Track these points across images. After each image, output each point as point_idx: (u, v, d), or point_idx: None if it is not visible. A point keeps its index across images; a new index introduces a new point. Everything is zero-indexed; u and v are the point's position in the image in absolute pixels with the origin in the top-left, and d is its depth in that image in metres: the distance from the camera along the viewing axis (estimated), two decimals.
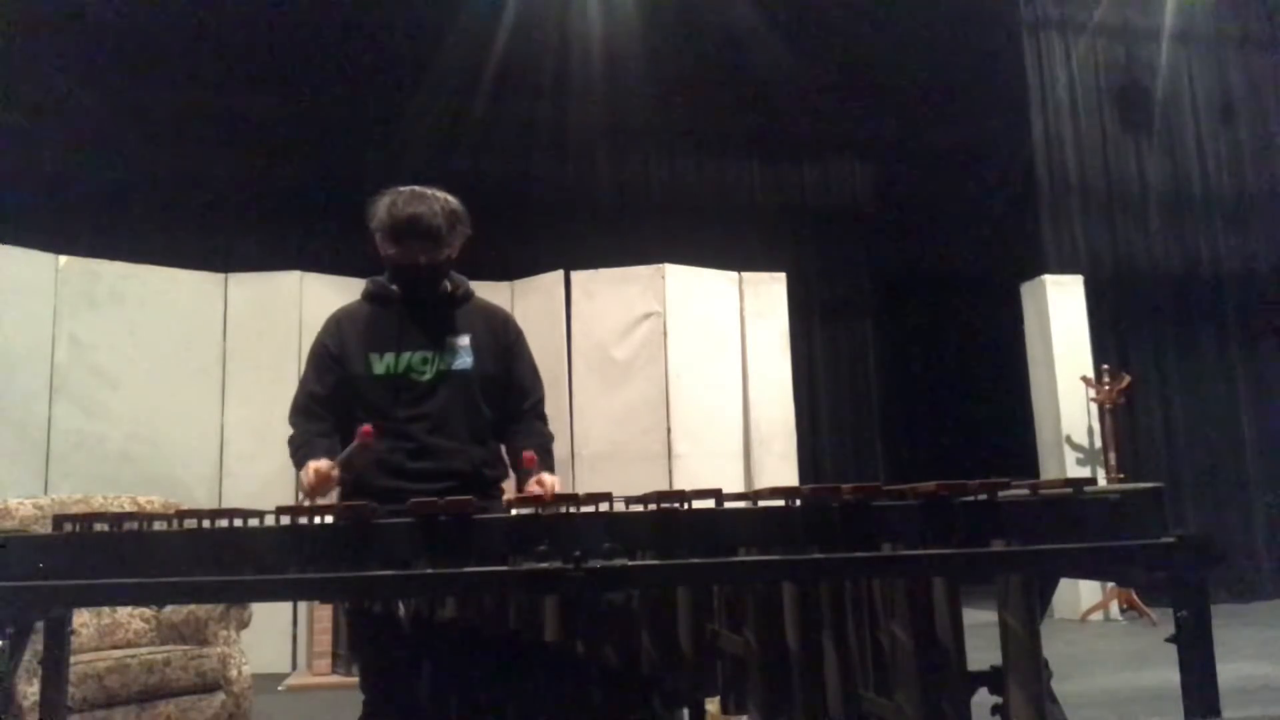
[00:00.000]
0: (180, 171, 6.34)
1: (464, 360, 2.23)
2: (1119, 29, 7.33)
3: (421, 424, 2.17)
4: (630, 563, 1.45)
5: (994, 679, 1.63)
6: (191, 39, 6.40)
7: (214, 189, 6.41)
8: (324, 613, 4.95)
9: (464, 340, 2.25)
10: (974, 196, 7.62)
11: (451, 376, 2.21)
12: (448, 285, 2.29)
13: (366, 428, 2.01)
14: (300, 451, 2.17)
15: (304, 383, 2.28)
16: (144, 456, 5.29)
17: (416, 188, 2.22)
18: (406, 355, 2.21)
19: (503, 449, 2.32)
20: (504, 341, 2.33)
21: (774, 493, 1.67)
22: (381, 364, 2.20)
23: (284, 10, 6.49)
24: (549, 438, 2.35)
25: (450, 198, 2.24)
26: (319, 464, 2.06)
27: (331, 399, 2.23)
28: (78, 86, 6.10)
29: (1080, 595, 6.23)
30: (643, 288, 5.88)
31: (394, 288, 2.28)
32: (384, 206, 2.20)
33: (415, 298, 2.26)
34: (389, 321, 2.25)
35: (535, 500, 1.68)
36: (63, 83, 6.07)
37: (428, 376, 2.20)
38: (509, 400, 2.32)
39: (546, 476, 2.16)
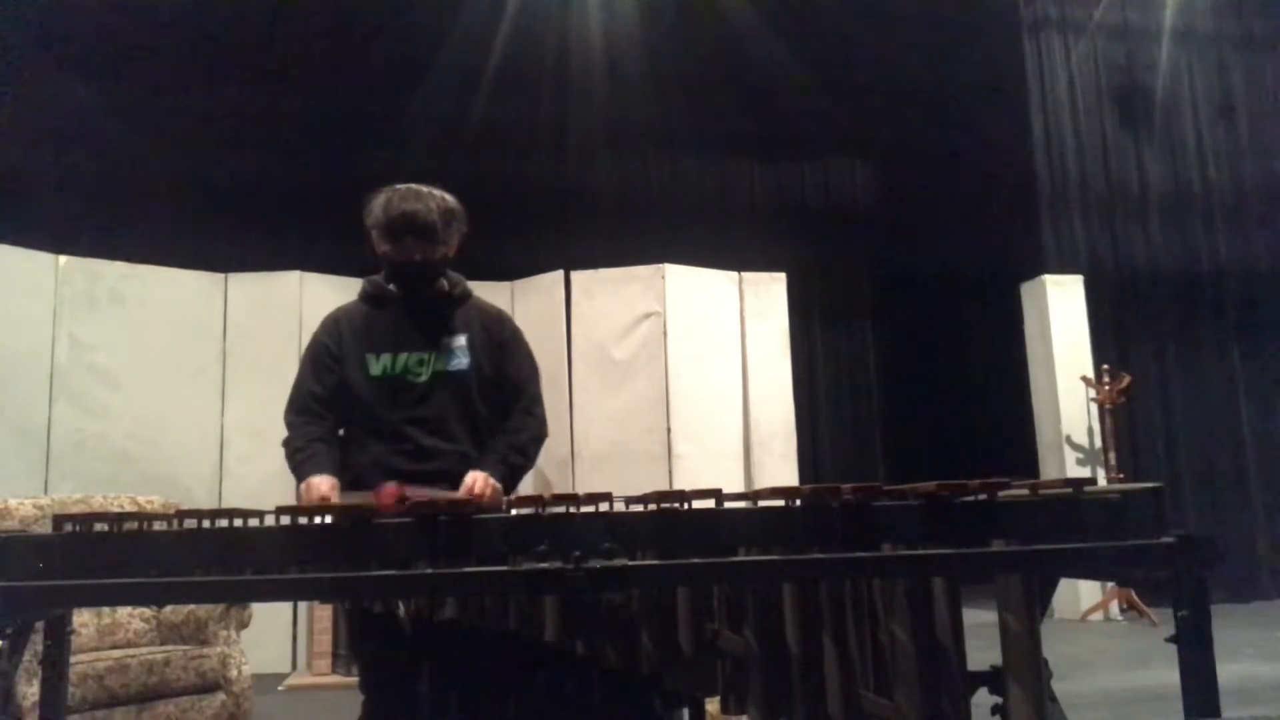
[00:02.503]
0: (180, 171, 6.34)
1: (460, 361, 2.22)
2: (1119, 29, 7.33)
3: (418, 426, 2.16)
4: (630, 563, 1.45)
5: (994, 679, 1.63)
6: (192, 39, 6.41)
7: (214, 189, 6.42)
8: (324, 613, 4.96)
9: (460, 340, 2.23)
10: (974, 196, 7.62)
11: (447, 378, 2.20)
12: (444, 284, 2.28)
13: (393, 491, 1.85)
14: (300, 455, 2.16)
15: (301, 381, 2.27)
16: (144, 456, 5.29)
17: (413, 185, 2.21)
18: (403, 356, 2.20)
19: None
20: (498, 339, 2.31)
21: (774, 493, 1.67)
22: (378, 365, 2.20)
23: (284, 10, 6.49)
24: (526, 432, 2.27)
25: (447, 195, 2.24)
26: (323, 488, 2.03)
27: (330, 399, 2.22)
28: (77, 86, 6.10)
29: (1080, 595, 6.23)
30: (643, 288, 5.88)
31: (391, 287, 2.27)
32: (379, 204, 2.19)
33: (412, 297, 2.25)
34: (385, 322, 2.24)
35: (535, 500, 1.68)
36: (63, 83, 6.07)
37: (424, 378, 2.19)
38: (503, 398, 2.29)
39: (475, 477, 2.08)
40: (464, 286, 2.32)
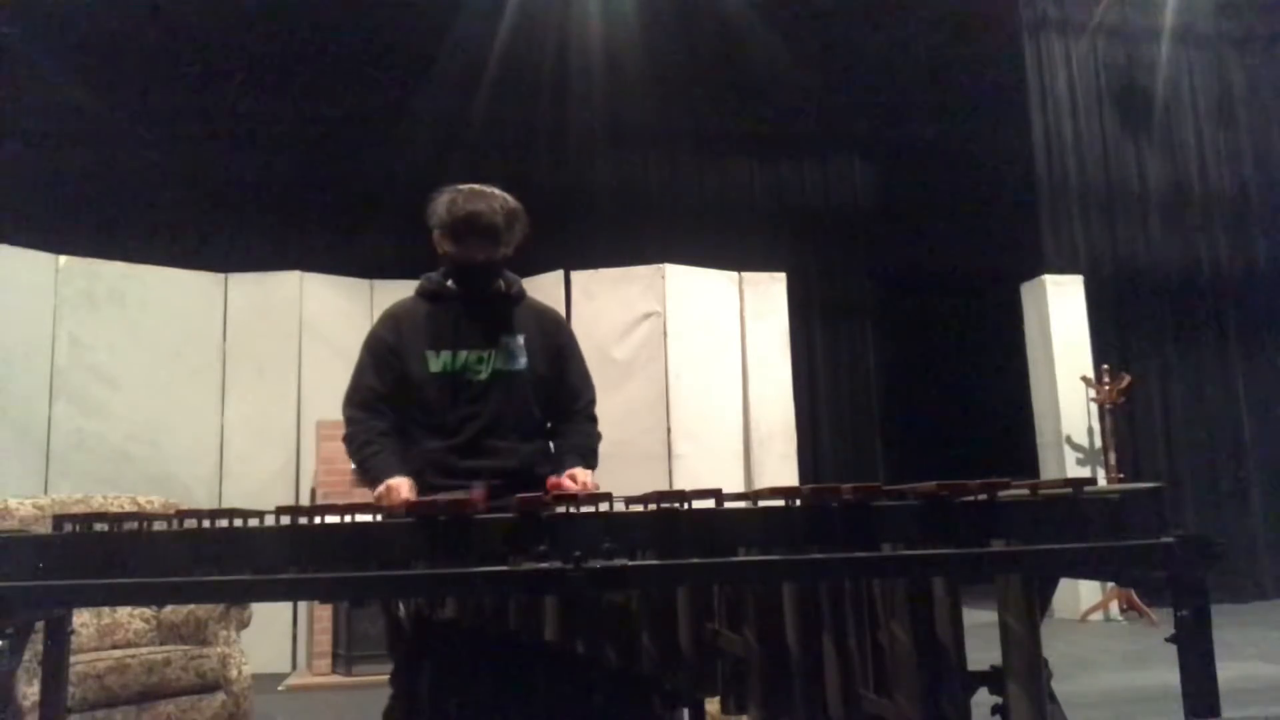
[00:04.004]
0: (180, 171, 6.35)
1: (518, 361, 2.23)
2: (1119, 29, 7.33)
3: (474, 423, 2.17)
4: (630, 563, 1.45)
5: (994, 679, 1.63)
6: (192, 39, 6.41)
7: (214, 189, 6.42)
8: (324, 613, 4.96)
9: (519, 340, 2.25)
10: (974, 196, 7.62)
11: (506, 376, 2.21)
12: (502, 284, 2.30)
13: (481, 494, 1.85)
14: (367, 451, 2.14)
15: (361, 377, 2.25)
16: (144, 456, 5.30)
17: (476, 185, 2.23)
18: (463, 354, 2.20)
19: (550, 446, 2.32)
20: (557, 342, 2.34)
21: (774, 493, 1.67)
22: (438, 362, 2.20)
23: (284, 10, 6.49)
24: (594, 437, 2.35)
25: (509, 197, 2.26)
26: (404, 490, 1.99)
27: (389, 396, 2.22)
28: (77, 86, 6.10)
29: (1080, 595, 6.23)
30: (643, 288, 5.88)
31: (450, 284, 2.28)
32: (444, 204, 2.21)
33: (471, 295, 2.26)
34: (445, 319, 2.25)
35: (536, 500, 1.67)
36: (62, 83, 6.07)
37: (483, 376, 2.20)
38: (559, 401, 2.32)
39: (579, 471, 2.14)
40: (520, 286, 2.35)
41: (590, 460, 2.27)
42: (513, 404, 2.21)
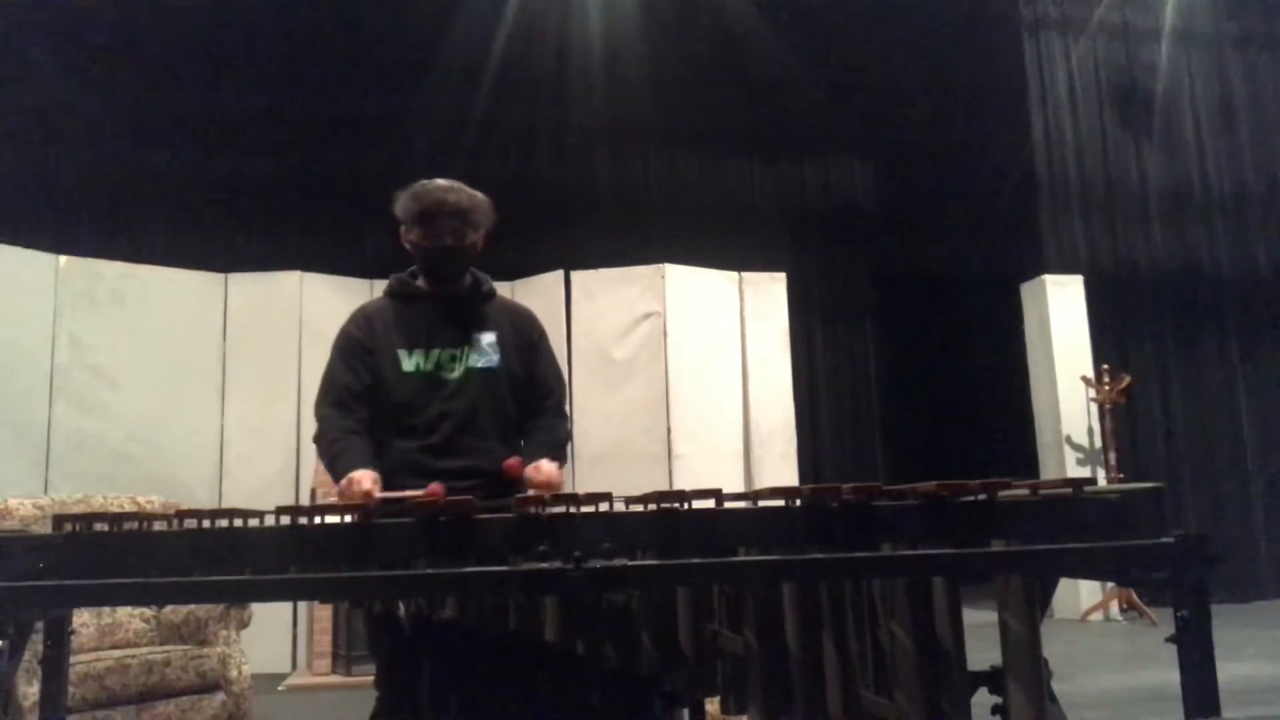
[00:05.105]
0: (180, 171, 6.35)
1: (490, 358, 2.22)
2: (1119, 29, 7.33)
3: (449, 422, 2.16)
4: (630, 563, 1.45)
5: (994, 679, 1.63)
6: (191, 39, 6.41)
7: (214, 189, 6.42)
8: (324, 613, 4.96)
9: (490, 338, 2.24)
10: (974, 196, 7.62)
11: (479, 374, 2.21)
12: (472, 280, 2.29)
13: (437, 489, 1.81)
14: (335, 448, 2.12)
15: (333, 375, 2.23)
16: (144, 456, 5.30)
17: (441, 180, 2.23)
18: (435, 352, 2.20)
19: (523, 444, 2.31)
20: (528, 339, 2.33)
21: (774, 493, 1.66)
22: (411, 360, 2.19)
23: (284, 10, 6.49)
24: (563, 433, 2.34)
25: (477, 192, 2.26)
26: (365, 482, 1.96)
27: (364, 394, 2.20)
28: (77, 86, 6.10)
29: (1080, 595, 6.23)
30: (643, 288, 5.88)
31: (419, 283, 2.27)
32: (409, 194, 2.21)
33: (442, 292, 2.25)
34: (417, 318, 2.24)
35: (535, 500, 1.67)
36: (62, 83, 6.07)
37: (456, 374, 2.19)
38: (531, 398, 2.31)
39: (544, 463, 2.12)
40: (490, 285, 2.34)
41: (559, 454, 2.25)
42: (488, 403, 2.20)
